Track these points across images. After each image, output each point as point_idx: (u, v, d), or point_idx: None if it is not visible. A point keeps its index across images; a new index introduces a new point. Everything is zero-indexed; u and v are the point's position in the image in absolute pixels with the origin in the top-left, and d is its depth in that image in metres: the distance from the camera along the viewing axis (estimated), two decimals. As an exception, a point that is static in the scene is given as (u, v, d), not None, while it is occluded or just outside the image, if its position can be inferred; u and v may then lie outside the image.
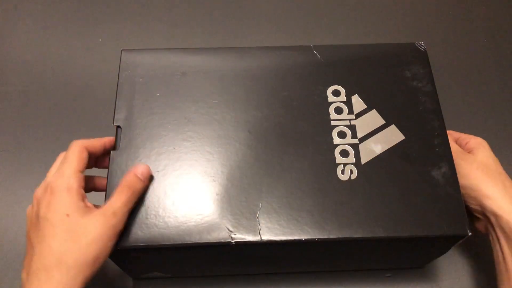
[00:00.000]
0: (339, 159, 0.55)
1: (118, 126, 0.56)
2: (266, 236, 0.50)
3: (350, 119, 0.57)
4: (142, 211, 0.51)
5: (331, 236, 0.51)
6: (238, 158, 0.54)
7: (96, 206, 0.50)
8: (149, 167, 0.52)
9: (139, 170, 0.51)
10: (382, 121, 0.57)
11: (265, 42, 0.85)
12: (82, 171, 0.49)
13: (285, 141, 0.56)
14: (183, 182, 0.53)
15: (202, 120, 0.57)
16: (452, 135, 0.62)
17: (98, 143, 0.53)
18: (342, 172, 0.54)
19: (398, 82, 0.59)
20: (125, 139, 0.55)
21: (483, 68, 0.83)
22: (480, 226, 0.59)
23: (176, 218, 0.51)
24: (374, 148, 0.55)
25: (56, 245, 0.44)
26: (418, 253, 0.59)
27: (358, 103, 0.58)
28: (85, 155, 0.50)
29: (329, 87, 0.59)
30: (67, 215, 0.45)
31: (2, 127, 0.76)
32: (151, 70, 0.59)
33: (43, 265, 0.44)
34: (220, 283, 0.64)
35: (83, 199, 0.48)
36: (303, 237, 0.50)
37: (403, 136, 0.56)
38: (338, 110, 0.58)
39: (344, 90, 0.59)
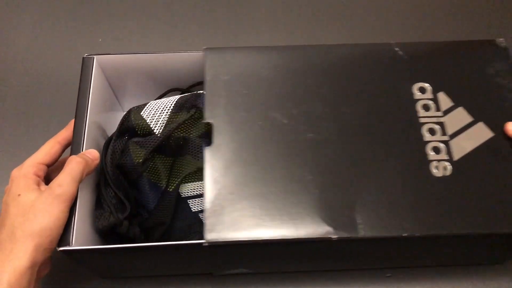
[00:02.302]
0: (431, 155, 0.55)
1: (209, 123, 0.56)
2: (366, 233, 0.50)
3: (438, 116, 0.57)
4: (239, 208, 0.51)
5: (431, 232, 0.50)
6: (330, 156, 0.54)
7: None
8: (96, 151, 0.55)
9: (88, 151, 0.55)
10: (470, 118, 0.57)
11: (264, 42, 0.85)
12: (46, 163, 0.54)
13: (375, 138, 0.55)
14: (278, 180, 0.53)
15: (290, 119, 0.56)
16: None
17: (68, 132, 0.57)
18: (436, 168, 0.54)
19: (482, 79, 0.60)
20: (218, 135, 0.55)
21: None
22: None
23: (273, 215, 0.51)
24: (464, 145, 0.56)
25: (9, 221, 0.49)
26: (505, 249, 0.59)
27: (444, 100, 0.58)
28: (55, 149, 0.55)
29: (414, 84, 0.59)
30: (19, 195, 0.50)
31: (2, 127, 0.76)
32: (236, 68, 0.59)
33: None
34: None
35: (38, 183, 0.52)
36: (403, 234, 0.50)
37: (492, 133, 0.56)
38: (426, 107, 0.58)
39: (430, 87, 0.59)
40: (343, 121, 0.56)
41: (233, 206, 0.51)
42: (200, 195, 0.58)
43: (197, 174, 0.58)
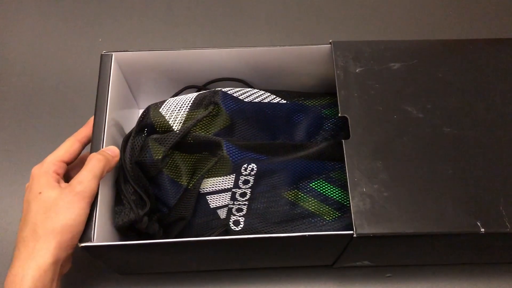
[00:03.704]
0: None
1: (344, 117, 0.56)
2: None
3: None
4: (383, 201, 0.51)
5: None
6: (469, 151, 0.55)
7: None
8: (117, 148, 0.56)
9: (108, 148, 0.55)
10: None
11: (264, 42, 0.86)
12: (66, 161, 0.55)
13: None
14: (420, 174, 0.53)
15: (426, 113, 0.57)
16: None
17: (88, 129, 0.57)
18: None
19: None
20: (355, 129, 0.55)
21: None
22: None
23: (418, 208, 0.51)
24: None
25: (31, 219, 0.49)
26: None
27: None
28: (74, 148, 0.56)
29: None
30: (40, 192, 0.50)
31: (2, 127, 0.76)
32: (365, 61, 0.60)
33: (22, 237, 0.49)
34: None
35: (58, 180, 0.52)
36: None
37: None
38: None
39: None
40: (478, 116, 0.57)
41: (378, 199, 0.51)
42: (218, 191, 0.58)
43: (216, 170, 0.58)
